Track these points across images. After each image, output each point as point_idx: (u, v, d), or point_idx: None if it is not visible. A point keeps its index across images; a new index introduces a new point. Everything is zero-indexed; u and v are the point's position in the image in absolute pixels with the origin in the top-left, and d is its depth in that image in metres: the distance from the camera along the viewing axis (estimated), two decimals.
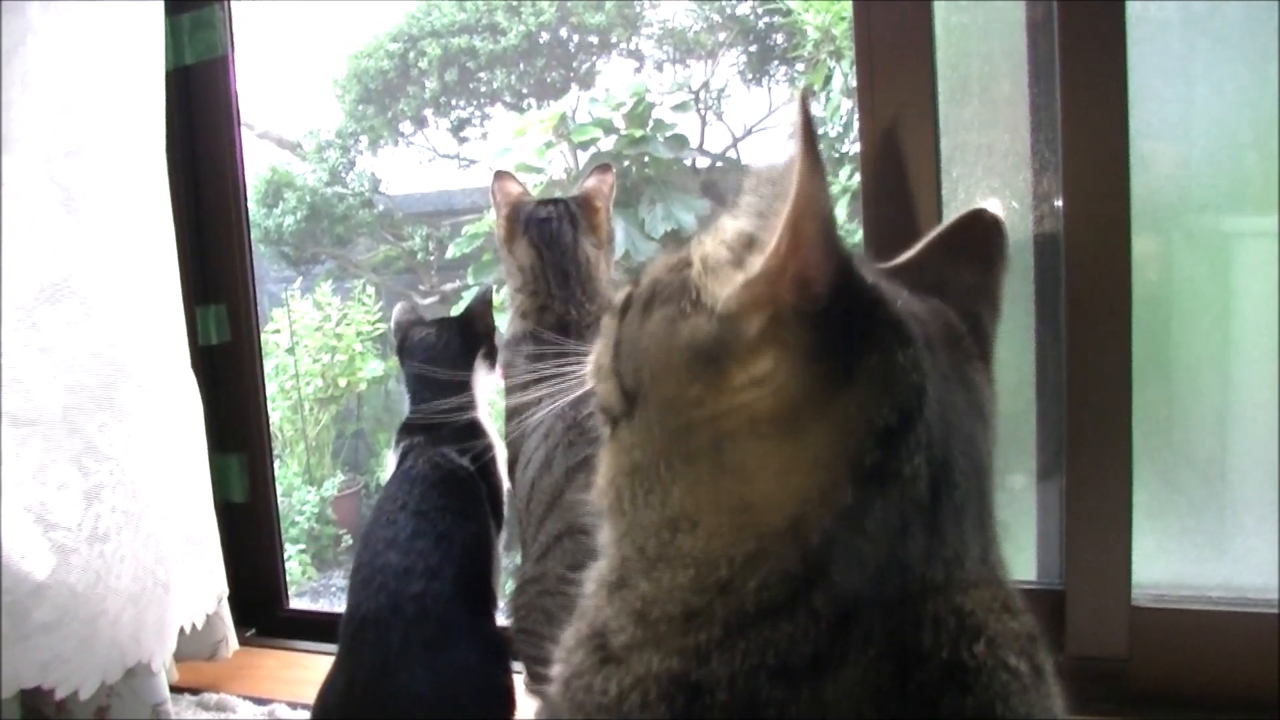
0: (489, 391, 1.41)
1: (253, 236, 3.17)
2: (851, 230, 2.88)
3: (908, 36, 1.31)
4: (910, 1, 1.31)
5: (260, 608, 1.74)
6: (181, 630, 1.33)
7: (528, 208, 1.36)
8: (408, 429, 1.35)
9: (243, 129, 1.72)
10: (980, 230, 0.65)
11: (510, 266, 1.36)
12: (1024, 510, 1.42)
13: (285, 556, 1.81)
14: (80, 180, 1.16)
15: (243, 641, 1.59)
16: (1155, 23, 1.30)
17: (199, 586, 1.37)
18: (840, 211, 3.45)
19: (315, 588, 3.59)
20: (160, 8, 1.36)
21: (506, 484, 1.34)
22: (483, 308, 1.42)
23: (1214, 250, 1.41)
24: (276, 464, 3.80)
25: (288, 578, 3.41)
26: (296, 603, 3.45)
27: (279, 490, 3.62)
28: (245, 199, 1.72)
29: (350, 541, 3.79)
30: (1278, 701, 1.21)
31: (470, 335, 1.40)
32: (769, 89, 4.25)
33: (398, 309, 1.46)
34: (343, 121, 4.38)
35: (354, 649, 1.14)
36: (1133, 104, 1.24)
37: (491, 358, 1.41)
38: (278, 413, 3.88)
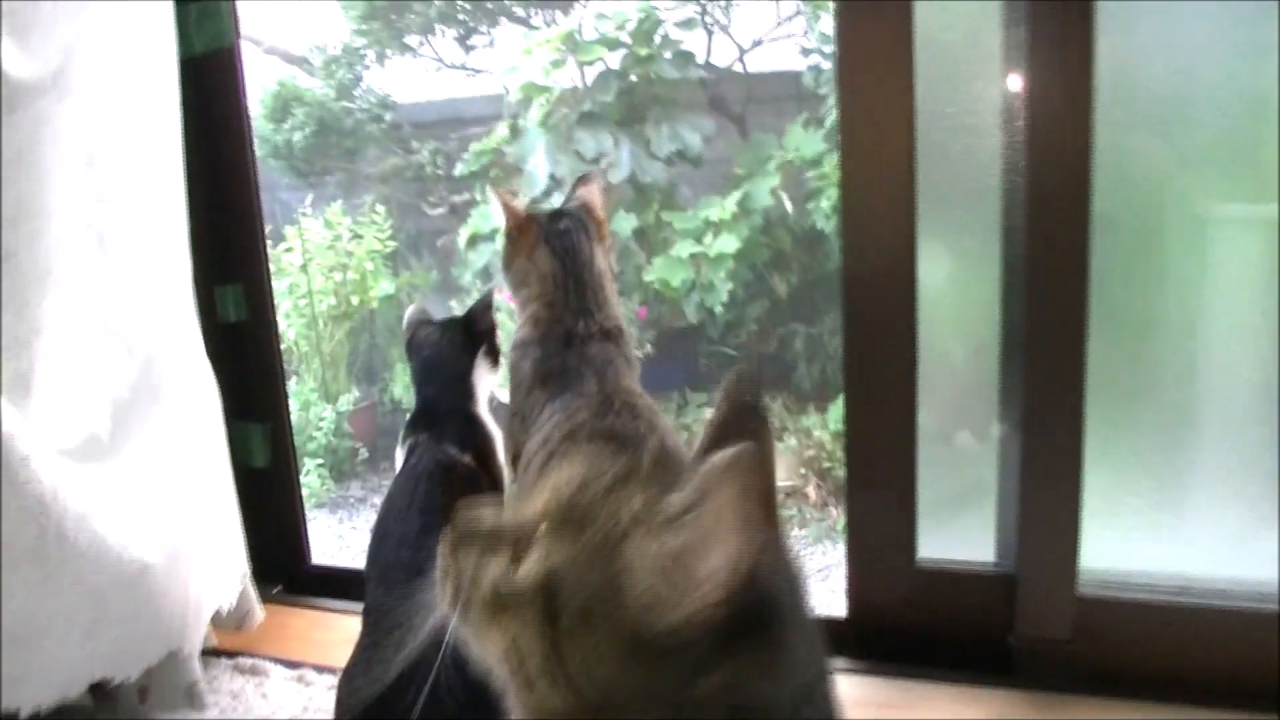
0: (490, 387, 1.51)
1: (260, 152, 3.18)
2: None
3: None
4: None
5: (286, 565, 1.89)
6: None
7: (542, 219, 1.42)
8: (413, 425, 1.45)
9: (249, 45, 1.77)
10: (748, 412, 0.67)
11: (527, 275, 1.41)
12: (985, 491, 1.53)
13: (307, 517, 1.94)
14: (111, 223, 1.26)
15: (270, 599, 1.74)
16: None
17: (228, 569, 1.50)
18: None
19: (334, 499, 3.76)
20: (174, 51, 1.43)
21: (509, 473, 1.45)
22: (485, 309, 1.51)
23: (1186, 226, 1.46)
24: (293, 381, 3.95)
25: (306, 490, 3.60)
26: (314, 514, 3.65)
27: (295, 406, 3.78)
28: (257, 185, 1.79)
29: (366, 455, 3.96)
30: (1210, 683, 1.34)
31: (473, 334, 1.49)
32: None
33: (410, 310, 1.55)
34: (349, 36, 4.37)
35: (374, 641, 1.27)
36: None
37: (493, 356, 1.51)
38: (293, 330, 3.99)
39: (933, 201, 1.42)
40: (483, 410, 1.48)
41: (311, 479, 3.67)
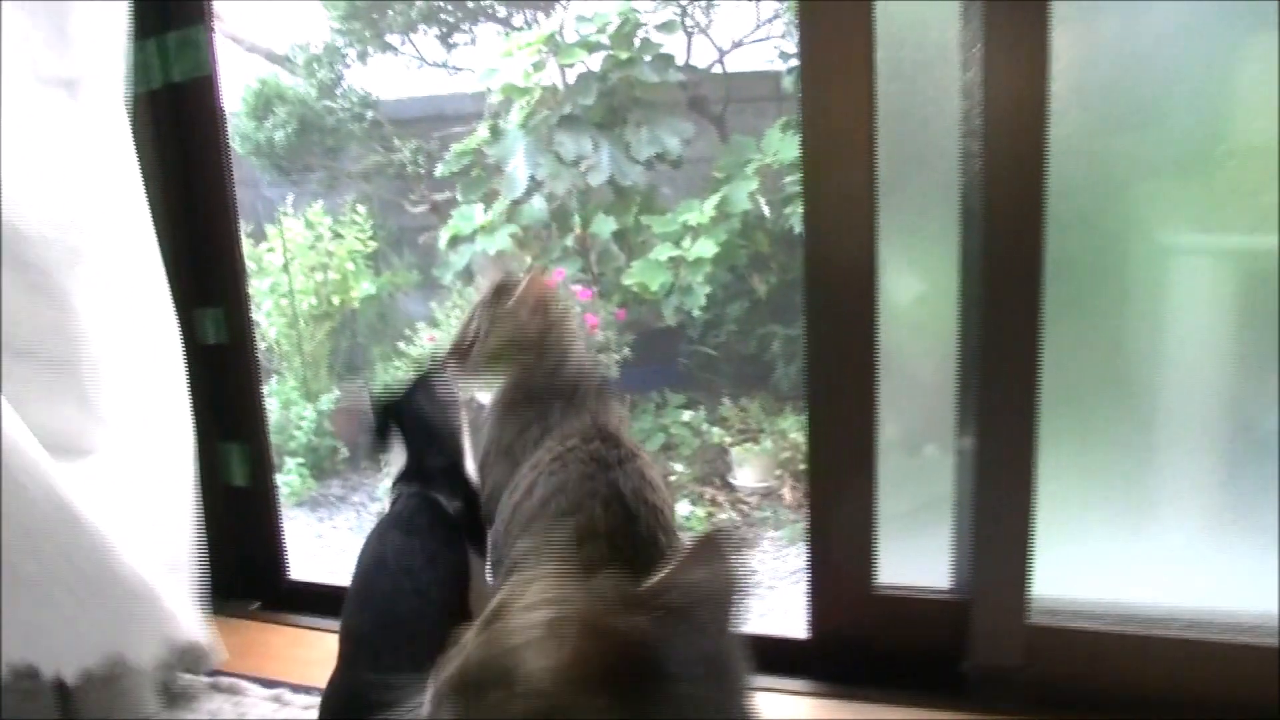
0: None
1: (242, 150, 3.11)
2: None
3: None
4: None
5: (264, 581, 1.92)
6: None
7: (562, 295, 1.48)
8: (403, 480, 1.47)
9: (232, 44, 1.79)
10: (713, 551, 0.81)
11: (545, 338, 1.45)
12: (943, 513, 1.57)
13: (284, 533, 1.97)
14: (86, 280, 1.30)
15: (249, 615, 1.77)
16: None
17: (186, 595, 1.53)
18: None
19: (314, 497, 3.79)
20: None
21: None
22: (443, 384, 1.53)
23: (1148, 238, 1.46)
24: (274, 380, 3.98)
25: (286, 489, 3.63)
26: (294, 513, 3.68)
27: (277, 404, 3.80)
28: (236, 213, 1.83)
29: (346, 454, 4.00)
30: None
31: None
32: (757, 2, 4.24)
33: (371, 391, 1.58)
34: (331, 35, 4.39)
35: (351, 664, 1.30)
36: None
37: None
38: (274, 329, 4.02)
39: (894, 204, 1.47)
40: (471, 467, 1.50)
41: (292, 478, 3.71)
